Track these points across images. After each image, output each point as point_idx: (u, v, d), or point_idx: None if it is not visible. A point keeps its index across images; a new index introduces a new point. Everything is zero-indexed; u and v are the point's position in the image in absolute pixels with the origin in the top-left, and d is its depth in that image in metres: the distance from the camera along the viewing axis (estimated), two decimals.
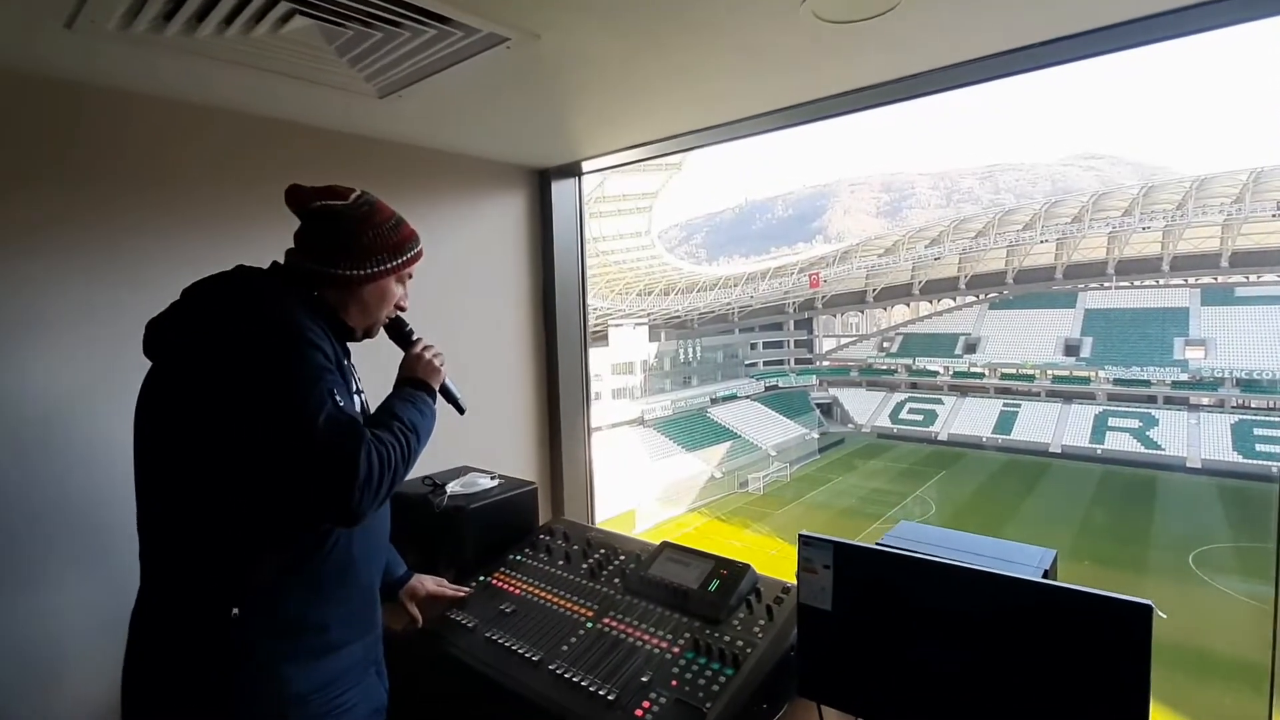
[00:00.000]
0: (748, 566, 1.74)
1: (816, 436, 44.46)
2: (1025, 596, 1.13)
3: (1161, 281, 45.71)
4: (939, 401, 46.73)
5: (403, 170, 2.35)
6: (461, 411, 1.66)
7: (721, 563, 1.78)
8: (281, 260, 1.41)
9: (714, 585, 1.70)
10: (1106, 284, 47.48)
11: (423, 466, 1.58)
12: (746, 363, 51.48)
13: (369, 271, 1.38)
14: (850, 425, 47.85)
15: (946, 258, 48.26)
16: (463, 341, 2.59)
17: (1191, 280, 44.48)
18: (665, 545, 1.91)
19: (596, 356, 38.63)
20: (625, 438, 36.88)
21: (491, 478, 2.26)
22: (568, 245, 2.93)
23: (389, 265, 1.40)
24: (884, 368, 51.43)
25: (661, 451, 36.38)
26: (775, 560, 24.67)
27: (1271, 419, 35.83)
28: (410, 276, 1.50)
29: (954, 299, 53.65)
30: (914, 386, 49.38)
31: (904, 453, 40.97)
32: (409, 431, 1.33)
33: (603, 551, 2.00)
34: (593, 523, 2.95)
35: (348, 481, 1.12)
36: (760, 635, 1.54)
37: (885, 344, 53.58)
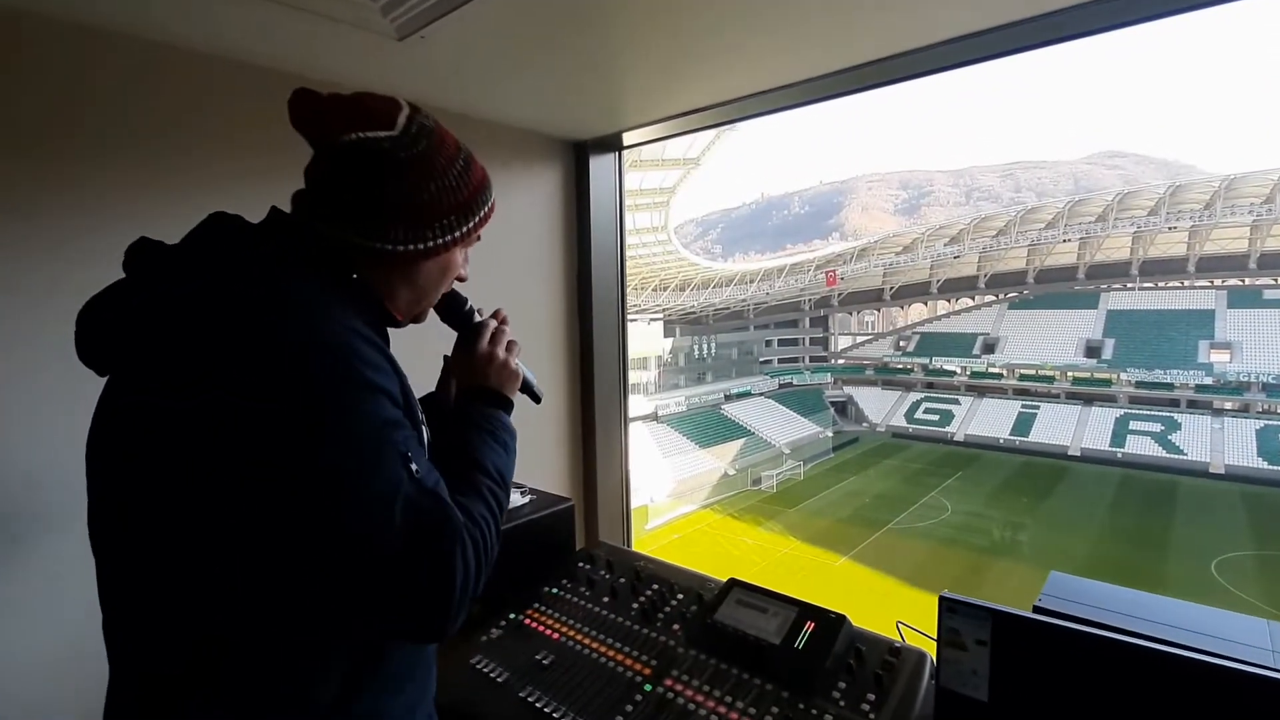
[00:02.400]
0: (843, 618, 1.41)
1: (831, 435, 43.86)
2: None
3: (1187, 283, 44.55)
4: (955, 402, 45.93)
5: None
6: (539, 400, 1.32)
7: (808, 610, 1.44)
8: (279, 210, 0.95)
9: (802, 641, 1.36)
10: (1130, 285, 46.37)
11: None
12: (761, 360, 50.94)
13: (434, 244, 0.95)
14: (865, 424, 47.19)
15: (966, 256, 47.35)
16: None
17: (1218, 282, 43.28)
18: (734, 584, 1.58)
19: None
20: (639, 433, 36.58)
21: (523, 492, 1.94)
22: (606, 228, 2.60)
23: (460, 232, 0.97)
24: (900, 367, 50.63)
25: (675, 447, 36.03)
26: (789, 559, 24.34)
27: None
28: (479, 238, 1.07)
29: (972, 298, 52.68)
30: (930, 386, 48.58)
31: (919, 453, 40.31)
32: (498, 487, 0.98)
33: (655, 587, 1.67)
34: (628, 544, 2.63)
35: (442, 599, 0.77)
36: (872, 716, 1.20)
37: (902, 343, 52.75)
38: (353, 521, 0.73)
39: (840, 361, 55.55)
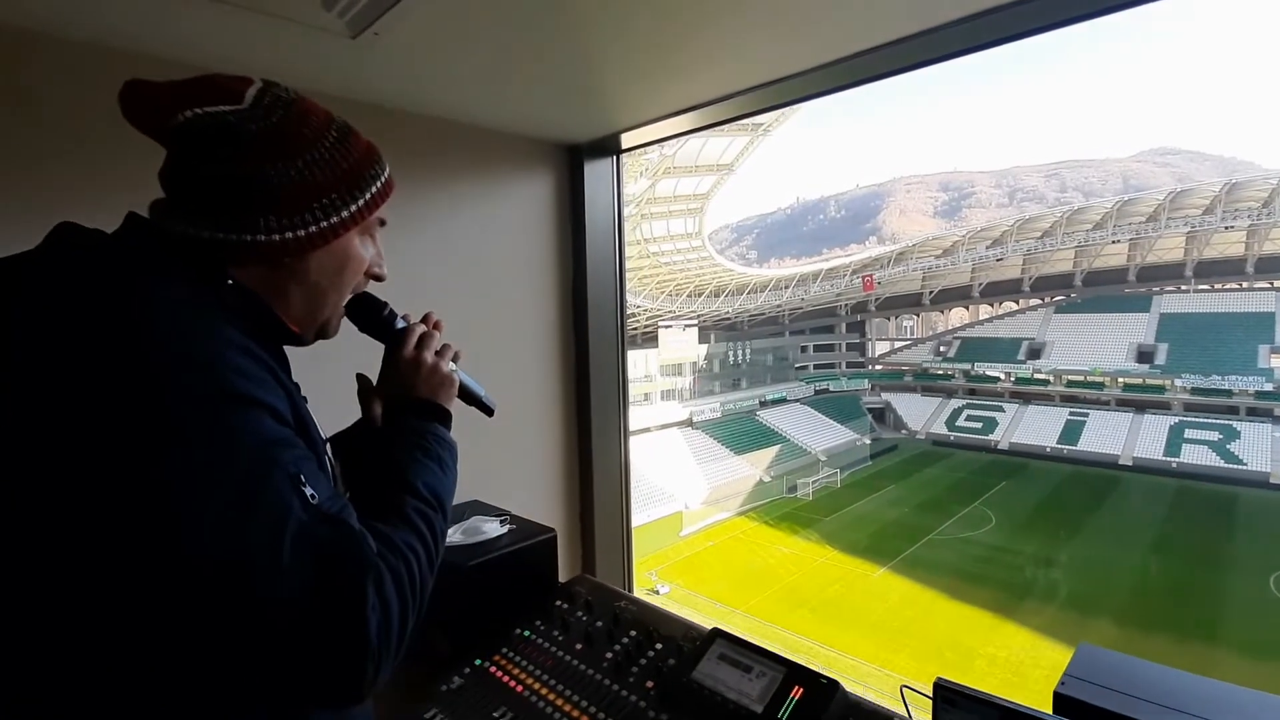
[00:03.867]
0: (835, 685, 1.21)
1: (868, 442, 42.76)
2: None
3: (1245, 285, 42.05)
4: (999, 409, 44.24)
5: (400, 145, 1.89)
6: (490, 412, 1.15)
7: (796, 673, 1.24)
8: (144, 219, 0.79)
9: (786, 711, 1.17)
10: (1184, 286, 44.03)
11: None
12: (796, 365, 50.08)
13: (315, 229, 0.79)
14: (904, 431, 45.85)
15: (1009, 259, 45.70)
16: (477, 347, 2.16)
17: (1279, 283, 40.72)
18: (717, 635, 1.39)
19: (646, 358, 38.25)
20: (674, 439, 36.29)
21: (502, 521, 1.79)
22: (603, 236, 2.44)
23: (347, 212, 0.82)
24: (940, 373, 49.09)
25: (709, 454, 35.63)
26: (825, 569, 23.70)
27: None
28: (383, 224, 0.92)
29: (1016, 302, 50.80)
30: (972, 393, 46.94)
31: (961, 461, 38.93)
32: (431, 510, 0.83)
33: (634, 634, 1.50)
34: (628, 577, 2.45)
35: (353, 650, 0.63)
36: None
37: (942, 348, 51.16)
38: (230, 561, 0.59)
39: (878, 367, 54.22)
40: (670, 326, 38.48)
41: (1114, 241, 42.59)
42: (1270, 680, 15.69)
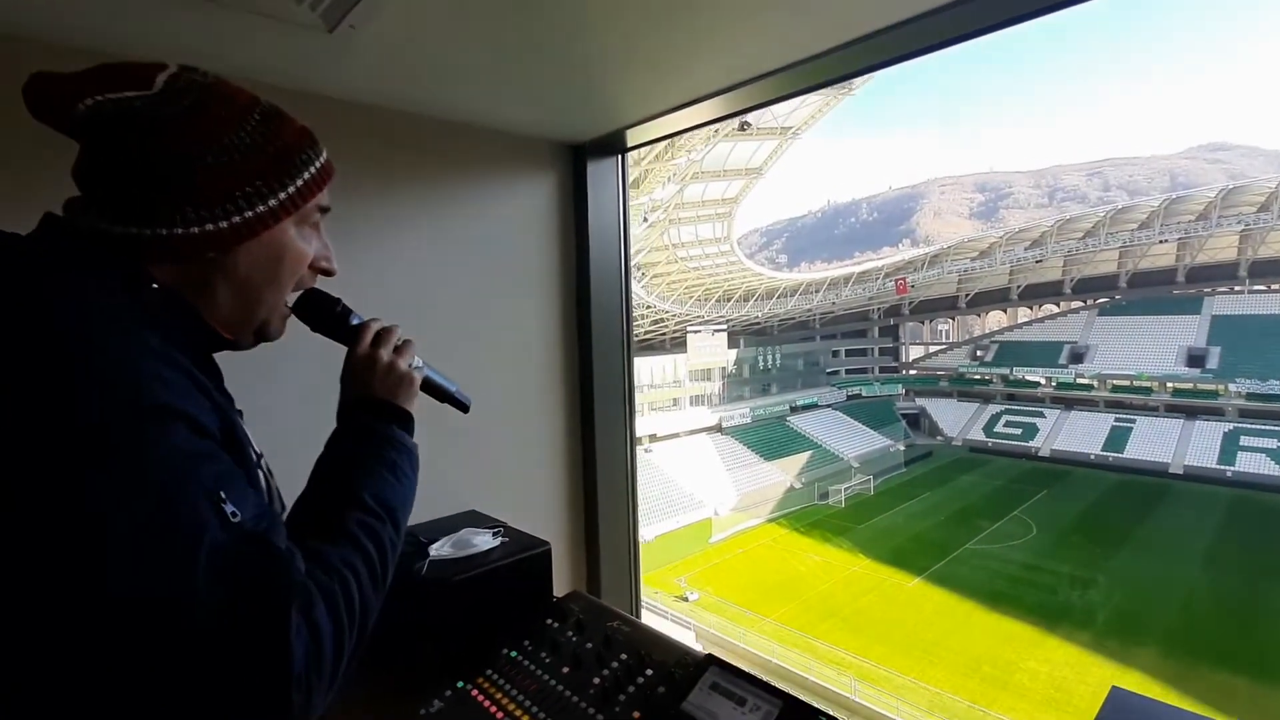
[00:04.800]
0: None
1: (902, 449, 41.80)
2: None
3: None
4: (1040, 415, 42.81)
5: (391, 144, 1.84)
6: (465, 408, 1.07)
7: (793, 707, 1.13)
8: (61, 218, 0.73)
9: None
10: (1238, 287, 42.04)
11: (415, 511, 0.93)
12: (828, 370, 49.31)
13: (241, 218, 0.72)
14: (939, 438, 44.70)
15: (1049, 260, 44.30)
16: (476, 352, 2.09)
17: None
18: (711, 663, 1.28)
19: (675, 363, 38.09)
20: (703, 445, 36.02)
21: (495, 533, 1.71)
22: (608, 238, 2.35)
23: (278, 199, 0.75)
24: (978, 378, 47.76)
25: (739, 460, 35.27)
26: (858, 578, 23.16)
27: None
28: (326, 211, 0.84)
29: (1057, 304, 49.17)
30: (1011, 398, 45.55)
31: (1000, 468, 37.75)
32: (380, 522, 0.77)
33: (624, 657, 1.40)
34: (634, 593, 2.35)
35: (275, 681, 0.58)
36: None
37: (979, 352, 49.78)
38: (135, 584, 0.54)
39: (912, 372, 53.04)
40: (699, 331, 38.28)
41: (1161, 241, 40.96)
42: None
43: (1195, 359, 39.74)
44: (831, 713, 1.09)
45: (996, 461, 39.48)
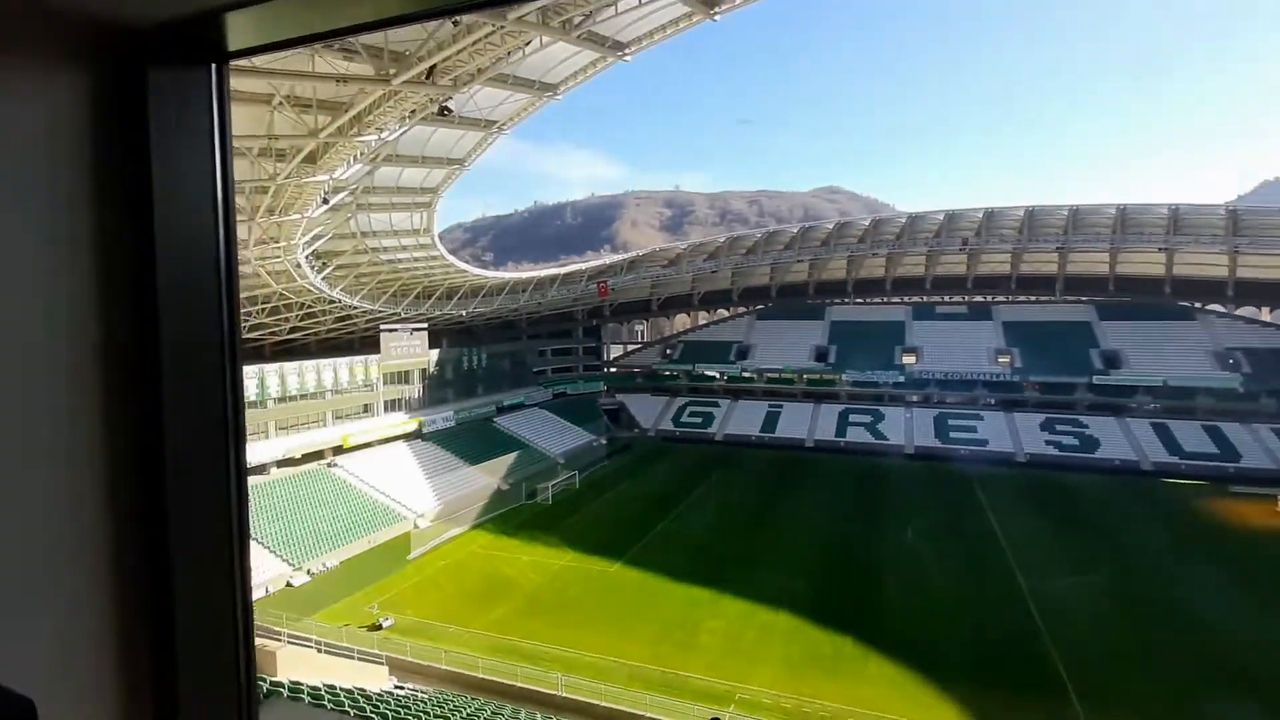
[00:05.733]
0: None
1: (605, 442, 45.13)
2: None
3: (884, 300, 54.68)
4: (716, 405, 50.62)
5: None
6: None
7: None
8: None
9: None
10: (846, 300, 55.49)
11: None
12: (535, 370, 50.65)
13: None
14: (637, 430, 49.63)
15: (722, 271, 52.48)
16: None
17: (909, 299, 53.95)
18: None
19: (367, 364, 34.85)
20: (400, 453, 33.66)
21: None
22: (193, 194, 1.39)
23: None
24: (667, 374, 54.32)
25: (443, 466, 33.90)
26: (566, 571, 24.13)
27: (959, 411, 44.75)
28: None
29: (728, 309, 58.65)
30: (694, 391, 52.84)
31: (686, 453, 43.51)
32: None
33: None
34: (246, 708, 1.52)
35: None
36: None
37: (669, 351, 56.65)
38: None
39: (613, 370, 57.85)
40: (395, 330, 35.73)
41: (799, 261, 51.78)
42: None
43: (821, 355, 51.38)
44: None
45: (684, 448, 45.42)
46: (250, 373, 30.14)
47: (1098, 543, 26.61)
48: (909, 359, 48.92)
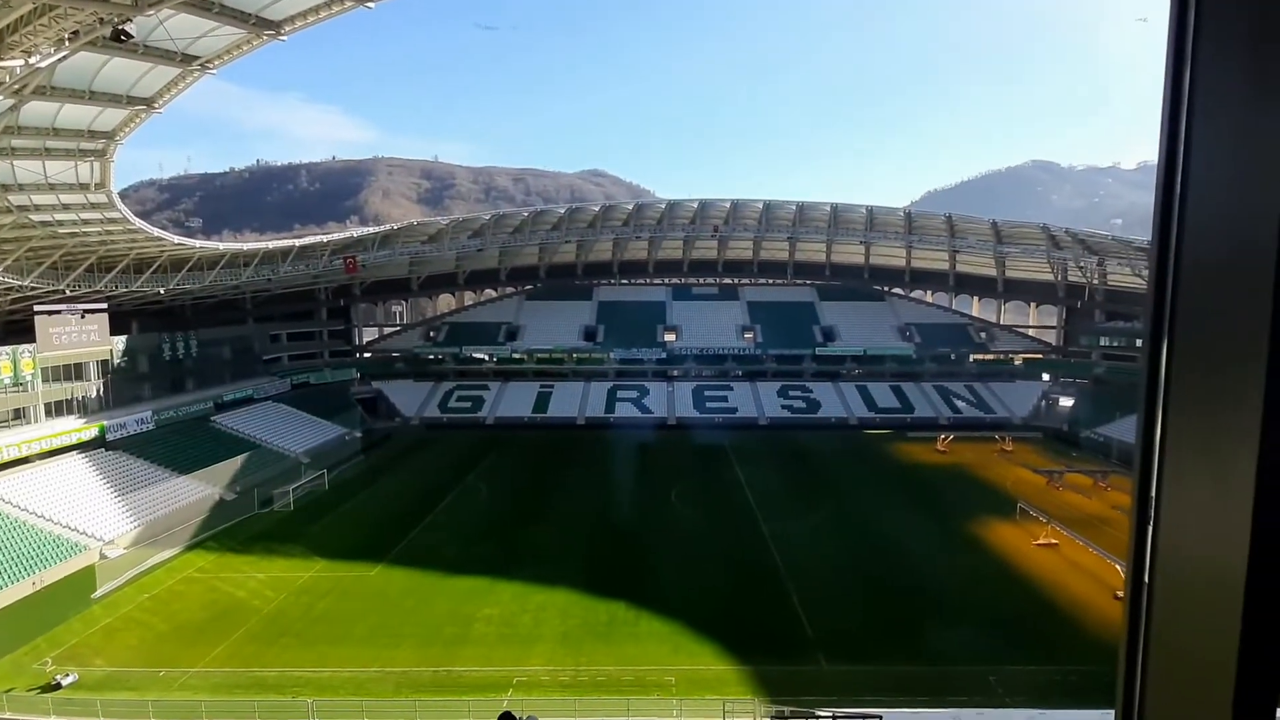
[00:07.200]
0: None
1: (360, 435, 41.41)
2: None
3: (648, 281, 58.30)
4: (486, 388, 49.45)
5: None
6: None
7: None
8: None
9: None
10: (613, 281, 57.92)
11: None
12: (266, 358, 44.28)
13: None
14: (398, 419, 46.41)
15: (489, 250, 51.06)
16: None
17: (670, 281, 58.12)
18: None
19: (16, 356, 27.40)
20: (73, 469, 27.03)
21: None
22: None
23: None
24: (431, 358, 51.55)
25: (139, 479, 28.04)
26: (313, 584, 21.61)
27: (713, 383, 49.68)
28: None
29: (495, 289, 57.36)
30: (462, 375, 50.95)
31: (455, 441, 41.87)
32: None
33: None
34: None
35: None
36: None
37: (432, 333, 53.72)
38: None
39: (367, 355, 53.19)
40: (58, 312, 28.54)
41: (566, 242, 52.58)
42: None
43: (590, 334, 53.07)
44: None
45: (452, 434, 43.68)
46: None
47: (821, 488, 32.10)
48: (670, 337, 52.96)
